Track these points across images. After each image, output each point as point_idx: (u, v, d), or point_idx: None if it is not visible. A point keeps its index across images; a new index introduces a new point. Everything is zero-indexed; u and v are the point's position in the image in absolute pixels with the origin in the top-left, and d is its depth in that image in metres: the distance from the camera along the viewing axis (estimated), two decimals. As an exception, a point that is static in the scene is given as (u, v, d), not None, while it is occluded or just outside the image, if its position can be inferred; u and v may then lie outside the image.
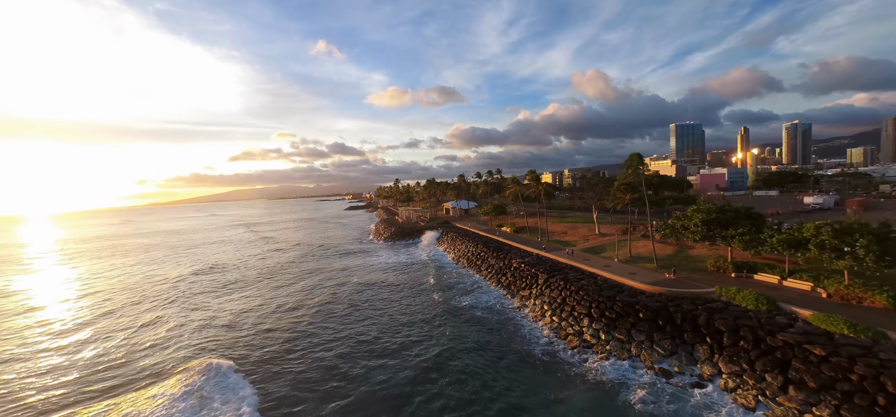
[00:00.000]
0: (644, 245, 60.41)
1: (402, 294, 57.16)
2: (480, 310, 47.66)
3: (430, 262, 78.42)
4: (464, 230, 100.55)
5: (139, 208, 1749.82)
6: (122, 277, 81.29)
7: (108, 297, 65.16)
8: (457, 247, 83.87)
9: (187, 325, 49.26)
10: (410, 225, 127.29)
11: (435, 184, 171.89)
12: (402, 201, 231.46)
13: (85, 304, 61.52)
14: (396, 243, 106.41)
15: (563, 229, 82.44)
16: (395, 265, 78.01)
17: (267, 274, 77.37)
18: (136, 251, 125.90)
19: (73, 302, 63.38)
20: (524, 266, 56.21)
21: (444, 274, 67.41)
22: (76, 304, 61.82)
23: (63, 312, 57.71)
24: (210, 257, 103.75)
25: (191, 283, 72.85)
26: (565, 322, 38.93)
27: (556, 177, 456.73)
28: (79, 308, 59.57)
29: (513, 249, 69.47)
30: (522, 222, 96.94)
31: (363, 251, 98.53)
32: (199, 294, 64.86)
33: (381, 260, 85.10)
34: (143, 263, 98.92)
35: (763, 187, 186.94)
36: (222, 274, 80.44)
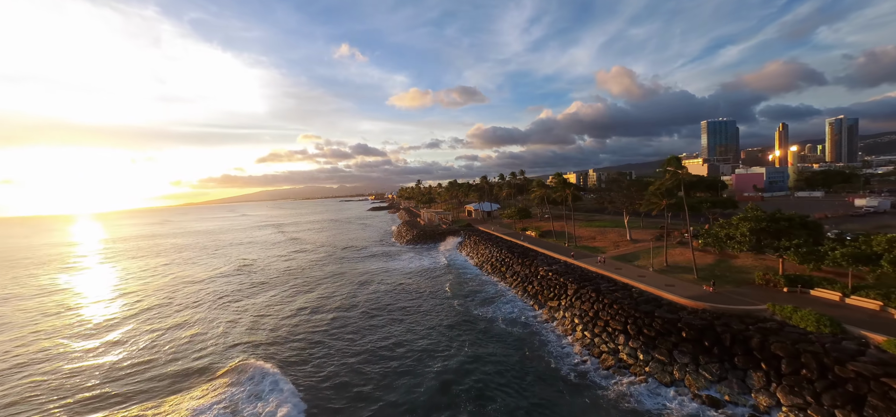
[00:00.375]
0: (681, 253, 56.80)
1: (423, 301, 55.92)
2: (504, 322, 45.71)
3: (452, 268, 76.93)
4: (487, 234, 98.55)
5: (175, 208, 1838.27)
6: (160, 277, 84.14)
7: (147, 297, 67.55)
8: (480, 252, 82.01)
9: (223, 326, 50.45)
10: (432, 227, 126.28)
11: (457, 186, 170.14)
12: (423, 203, 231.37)
13: (125, 304, 63.81)
14: (418, 246, 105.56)
15: (592, 234, 79.11)
16: (417, 270, 76.97)
17: (294, 276, 78.70)
18: (174, 251, 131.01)
19: (114, 301, 65.81)
20: (552, 274, 53.80)
21: (466, 281, 65.75)
22: (117, 304, 64.18)
23: (105, 311, 59.92)
24: (242, 258, 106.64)
25: (224, 284, 75.16)
26: (599, 338, 36.50)
27: (581, 178, 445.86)
28: (119, 307, 61.82)
29: (539, 255, 67.00)
30: (548, 226, 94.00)
31: (385, 254, 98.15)
32: (232, 294, 66.73)
33: (402, 264, 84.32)
34: (180, 263, 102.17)
35: (806, 188, 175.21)
36: (253, 275, 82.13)
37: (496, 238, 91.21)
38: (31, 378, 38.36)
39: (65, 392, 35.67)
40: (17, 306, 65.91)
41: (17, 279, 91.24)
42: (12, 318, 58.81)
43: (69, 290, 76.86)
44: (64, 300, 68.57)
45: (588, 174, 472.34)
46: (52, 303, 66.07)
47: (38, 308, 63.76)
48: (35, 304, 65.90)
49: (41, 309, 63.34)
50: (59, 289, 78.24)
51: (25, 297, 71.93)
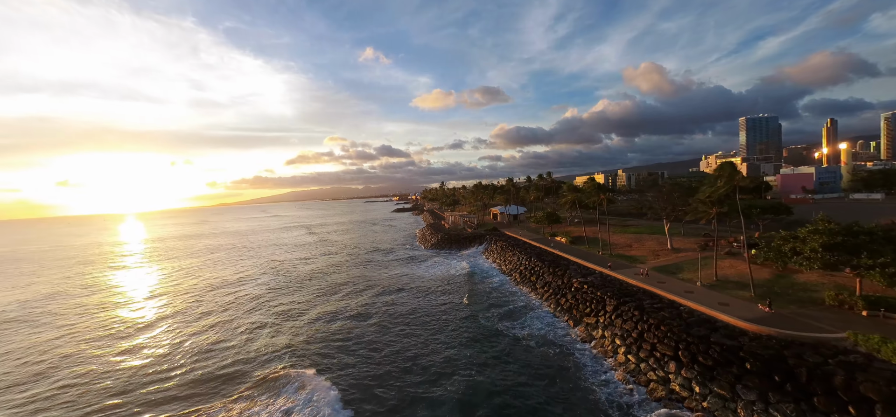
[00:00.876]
0: (731, 265, 51.89)
1: (445, 312, 53.63)
2: (534, 339, 42.63)
3: (478, 275, 74.31)
4: (514, 239, 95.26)
5: (211, 208, 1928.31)
6: (198, 278, 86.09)
7: (185, 298, 69.14)
8: (507, 259, 78.96)
9: (260, 330, 50.84)
10: (457, 231, 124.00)
11: (482, 188, 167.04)
12: (447, 205, 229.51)
13: (163, 305, 65.50)
14: (442, 251, 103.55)
15: (627, 241, 74.46)
16: (441, 277, 74.85)
17: (319, 280, 79.22)
18: (210, 252, 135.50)
19: (153, 302, 67.52)
20: (587, 287, 50.21)
21: (493, 291, 62.98)
22: (155, 304, 65.86)
23: (144, 313, 61.47)
24: (274, 259, 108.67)
25: (257, 286, 76.50)
26: (645, 364, 33.02)
27: (610, 178, 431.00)
28: (157, 308, 63.40)
29: (571, 264, 63.32)
30: (579, 231, 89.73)
31: (410, 259, 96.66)
32: (265, 296, 67.91)
33: (426, 270, 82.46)
34: (216, 264, 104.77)
35: (863, 189, 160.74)
36: (280, 276, 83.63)
37: (524, 244, 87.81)
38: (62, 382, 38.99)
39: (100, 395, 36.18)
40: (62, 304, 68.87)
41: (69, 278, 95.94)
42: (55, 316, 61.26)
43: (112, 289, 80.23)
44: (106, 299, 71.18)
45: (617, 174, 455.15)
46: (94, 303, 68.45)
47: (80, 306, 66.23)
48: (76, 303, 68.42)
49: (83, 307, 65.80)
50: (103, 288, 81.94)
51: (71, 296, 75.31)
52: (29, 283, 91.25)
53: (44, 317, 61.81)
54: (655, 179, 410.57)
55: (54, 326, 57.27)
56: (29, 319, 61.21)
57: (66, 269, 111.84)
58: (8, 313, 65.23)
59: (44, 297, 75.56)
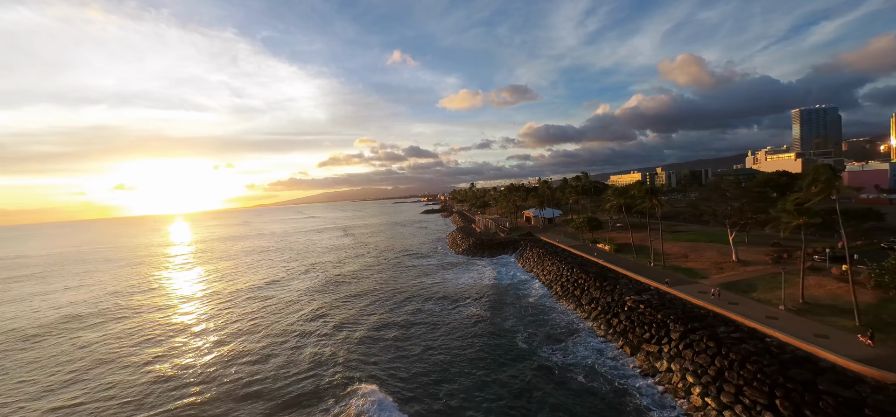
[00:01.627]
0: (818, 284, 44.26)
1: (479, 333, 49.09)
2: (582, 369, 37.30)
3: (514, 287, 69.35)
4: (551, 246, 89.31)
5: (250, 208, 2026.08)
6: (247, 282, 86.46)
7: (237, 304, 69.38)
8: (545, 268, 73.44)
9: (307, 338, 50.03)
10: (489, 235, 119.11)
11: (514, 190, 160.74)
12: (477, 207, 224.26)
13: (213, 313, 65.43)
14: (474, 257, 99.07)
15: (682, 251, 67.00)
16: (473, 287, 70.47)
17: (354, 284, 78.39)
18: (256, 253, 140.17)
19: (203, 310, 67.40)
20: (643, 307, 44.27)
21: (531, 305, 57.86)
22: (205, 314, 65.59)
23: (195, 321, 61.62)
24: (316, 262, 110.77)
25: (301, 291, 76.31)
26: (730, 411, 27.29)
27: (647, 176, 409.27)
28: (207, 318, 62.96)
29: (621, 278, 57.10)
30: (624, 238, 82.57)
31: (441, 265, 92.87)
32: (308, 301, 66.85)
33: (458, 278, 78.35)
34: (257, 267, 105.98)
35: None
36: (326, 282, 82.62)
37: (563, 251, 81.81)
38: (108, 390, 38.38)
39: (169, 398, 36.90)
40: (117, 303, 70.65)
41: (125, 279, 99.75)
42: (107, 318, 62.45)
43: (166, 293, 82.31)
44: (159, 302, 72.26)
45: (656, 173, 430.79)
46: (148, 304, 69.53)
47: (133, 309, 67.47)
48: (130, 304, 69.75)
49: (135, 309, 67.04)
50: (158, 290, 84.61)
51: (125, 294, 77.67)
52: (94, 283, 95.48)
53: (95, 318, 63.19)
54: (699, 178, 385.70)
55: (104, 328, 58.15)
56: (87, 319, 62.74)
57: (121, 270, 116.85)
58: (78, 311, 67.36)
59: (106, 295, 78.13)
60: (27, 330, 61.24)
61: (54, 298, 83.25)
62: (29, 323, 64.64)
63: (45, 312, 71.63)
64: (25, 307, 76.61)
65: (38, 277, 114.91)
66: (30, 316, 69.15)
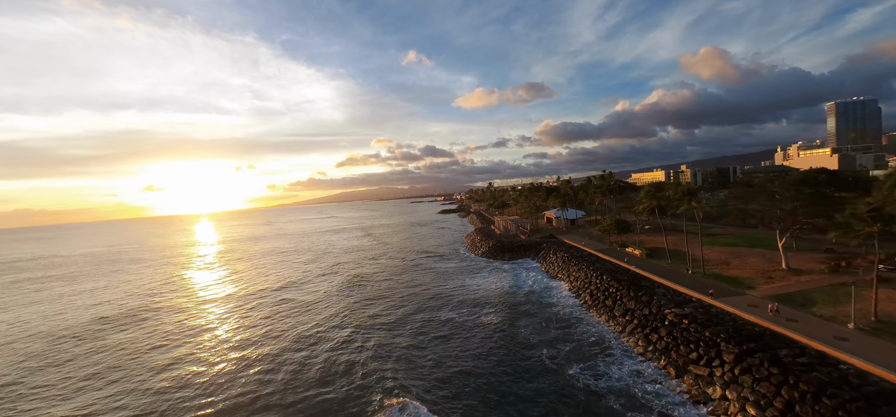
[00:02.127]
0: (889, 297, 39.21)
1: (500, 344, 46.04)
2: (618, 395, 33.34)
3: (538, 293, 65.81)
4: (576, 249, 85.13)
5: (271, 208, 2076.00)
6: (270, 284, 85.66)
7: (261, 306, 68.73)
8: (571, 274, 69.56)
9: (332, 346, 48.22)
10: (509, 237, 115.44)
11: (534, 190, 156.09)
12: (496, 207, 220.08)
13: (243, 316, 64.76)
14: (495, 260, 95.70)
15: (722, 256, 62.00)
16: (495, 292, 67.26)
17: (373, 286, 76.07)
18: (281, 254, 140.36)
19: (233, 314, 66.45)
20: (687, 322, 40.19)
21: (557, 315, 54.19)
22: (235, 317, 64.72)
23: (229, 326, 60.55)
24: (340, 263, 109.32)
25: (323, 293, 74.95)
26: (806, 455, 23.40)
27: (671, 174, 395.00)
28: (238, 321, 62.15)
29: (657, 287, 52.83)
30: (656, 242, 77.74)
31: (460, 270, 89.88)
32: (330, 304, 65.61)
33: (479, 283, 75.21)
34: (288, 267, 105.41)
35: None
36: (350, 284, 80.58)
37: (589, 255, 77.61)
38: (124, 398, 37.10)
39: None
40: (144, 304, 70.82)
41: (157, 280, 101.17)
42: (134, 319, 62.49)
43: (186, 292, 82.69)
44: (183, 302, 72.07)
45: (680, 171, 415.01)
46: (179, 305, 69.47)
47: (153, 308, 67.28)
48: (158, 302, 69.82)
49: (157, 309, 66.75)
50: (177, 290, 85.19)
51: (151, 295, 78.03)
52: (124, 282, 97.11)
53: (125, 319, 63.28)
54: (727, 176, 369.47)
55: (132, 329, 57.92)
56: (117, 320, 62.89)
57: (150, 271, 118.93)
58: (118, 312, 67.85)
59: (135, 295, 78.85)
60: (54, 330, 61.73)
61: (88, 297, 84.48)
62: (56, 325, 65.21)
63: (77, 312, 72.44)
64: (55, 307, 77.83)
65: (76, 277, 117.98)
66: (58, 317, 70.01)
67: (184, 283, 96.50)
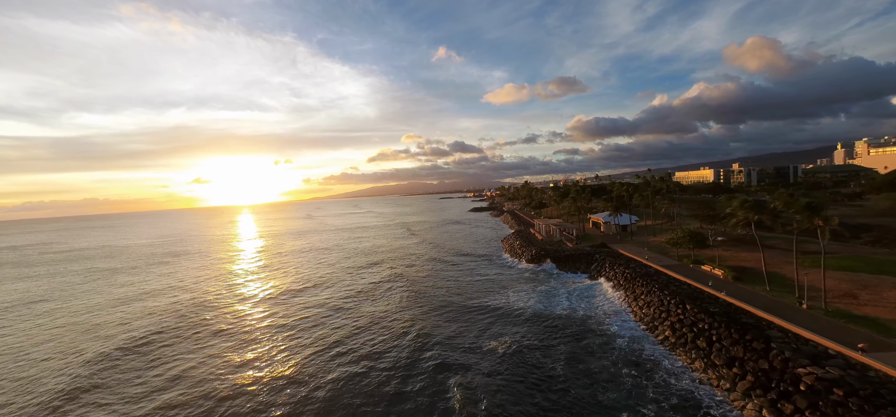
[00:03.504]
0: None
1: (565, 395, 36.42)
2: None
3: (596, 319, 55.38)
4: (639, 264, 73.35)
5: (306, 201, 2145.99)
6: (323, 287, 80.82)
7: (321, 317, 62.72)
8: (639, 296, 58.40)
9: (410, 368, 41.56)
10: (553, 244, 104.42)
11: (580, 191, 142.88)
12: (532, 207, 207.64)
13: (302, 324, 59.37)
14: (541, 271, 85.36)
15: (844, 286, 48.83)
16: (548, 317, 57.18)
17: (430, 294, 66.77)
18: (327, 252, 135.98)
19: (292, 320, 61.30)
20: (842, 394, 28.90)
21: (626, 355, 43.04)
22: (293, 326, 59.37)
23: (290, 332, 55.68)
24: (381, 260, 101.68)
25: (381, 300, 67.10)
26: None
27: (721, 173, 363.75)
28: (297, 330, 56.22)
29: (768, 327, 41.03)
30: (739, 259, 64.83)
31: (502, 282, 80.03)
32: (405, 318, 58.24)
33: (527, 302, 65.23)
34: (340, 267, 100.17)
35: None
36: (395, 286, 73.14)
37: (656, 273, 65.95)
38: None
39: None
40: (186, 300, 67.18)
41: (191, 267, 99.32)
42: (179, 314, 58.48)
43: (242, 290, 79.70)
44: (240, 298, 67.81)
45: (731, 170, 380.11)
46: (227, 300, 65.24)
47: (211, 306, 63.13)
48: (217, 298, 65.85)
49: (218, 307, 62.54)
50: (234, 285, 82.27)
51: (187, 289, 74.63)
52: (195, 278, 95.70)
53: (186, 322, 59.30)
54: (786, 176, 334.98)
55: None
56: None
57: (209, 266, 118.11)
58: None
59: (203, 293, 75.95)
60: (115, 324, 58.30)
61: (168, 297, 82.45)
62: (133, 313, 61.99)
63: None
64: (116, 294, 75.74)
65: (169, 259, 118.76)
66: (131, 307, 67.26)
67: (237, 280, 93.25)
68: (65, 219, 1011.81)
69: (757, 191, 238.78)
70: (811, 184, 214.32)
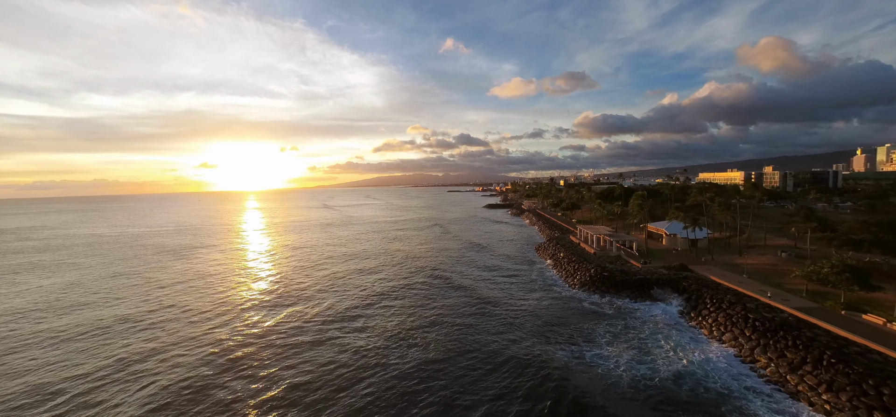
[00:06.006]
0: None
1: None
2: None
3: (727, 396, 36.75)
4: (762, 304, 54.01)
5: (312, 189, 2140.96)
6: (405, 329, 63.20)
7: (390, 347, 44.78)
8: (794, 365, 39.26)
9: None
10: (610, 260, 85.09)
11: (635, 195, 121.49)
12: (563, 208, 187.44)
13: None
14: (604, 301, 66.19)
15: None
16: (663, 394, 38.52)
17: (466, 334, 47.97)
18: (346, 243, 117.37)
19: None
20: None
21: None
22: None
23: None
24: (446, 276, 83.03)
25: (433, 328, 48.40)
26: None
27: (751, 176, 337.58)
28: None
29: None
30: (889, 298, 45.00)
31: (563, 314, 61.40)
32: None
33: (614, 359, 46.51)
34: (380, 273, 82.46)
35: None
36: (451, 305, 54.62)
37: (801, 324, 46.63)
38: None
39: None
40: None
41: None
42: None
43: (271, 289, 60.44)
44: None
45: (763, 172, 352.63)
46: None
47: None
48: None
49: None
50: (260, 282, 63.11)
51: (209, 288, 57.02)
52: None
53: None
54: (824, 180, 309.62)
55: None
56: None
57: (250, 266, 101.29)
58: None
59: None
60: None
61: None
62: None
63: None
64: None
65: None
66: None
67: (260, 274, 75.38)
68: (78, 200, 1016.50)
69: (797, 197, 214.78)
70: (877, 193, 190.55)
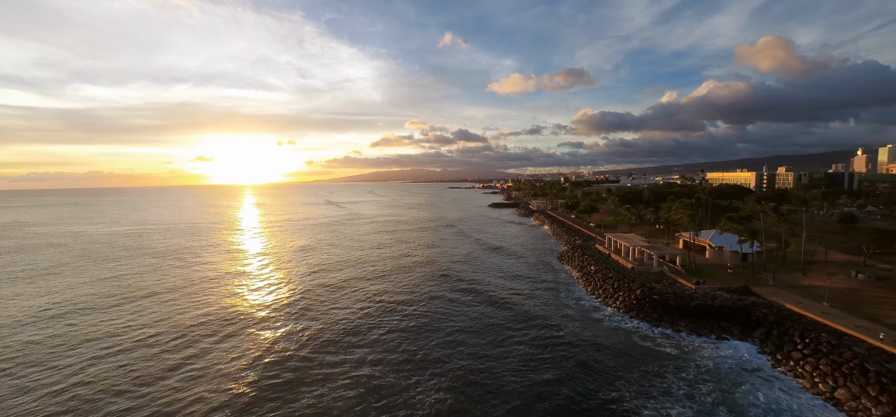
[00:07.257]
0: None
1: None
2: None
3: None
4: (871, 347, 42.93)
5: (309, 183, 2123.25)
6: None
7: None
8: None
9: None
10: (653, 277, 73.85)
11: (680, 201, 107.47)
12: (579, 210, 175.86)
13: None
14: (658, 332, 54.84)
15: None
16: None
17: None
18: (386, 257, 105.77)
19: None
20: None
21: None
22: None
23: None
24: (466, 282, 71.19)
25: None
26: None
27: (764, 177, 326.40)
28: None
29: None
30: None
31: (616, 359, 50.51)
32: None
33: (689, 414, 35.49)
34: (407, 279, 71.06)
35: None
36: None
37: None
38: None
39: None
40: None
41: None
42: None
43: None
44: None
45: (776, 173, 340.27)
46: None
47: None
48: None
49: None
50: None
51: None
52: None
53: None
54: (840, 182, 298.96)
55: None
56: None
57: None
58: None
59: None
60: None
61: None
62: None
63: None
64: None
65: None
66: None
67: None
68: (71, 192, 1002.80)
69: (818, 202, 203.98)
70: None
